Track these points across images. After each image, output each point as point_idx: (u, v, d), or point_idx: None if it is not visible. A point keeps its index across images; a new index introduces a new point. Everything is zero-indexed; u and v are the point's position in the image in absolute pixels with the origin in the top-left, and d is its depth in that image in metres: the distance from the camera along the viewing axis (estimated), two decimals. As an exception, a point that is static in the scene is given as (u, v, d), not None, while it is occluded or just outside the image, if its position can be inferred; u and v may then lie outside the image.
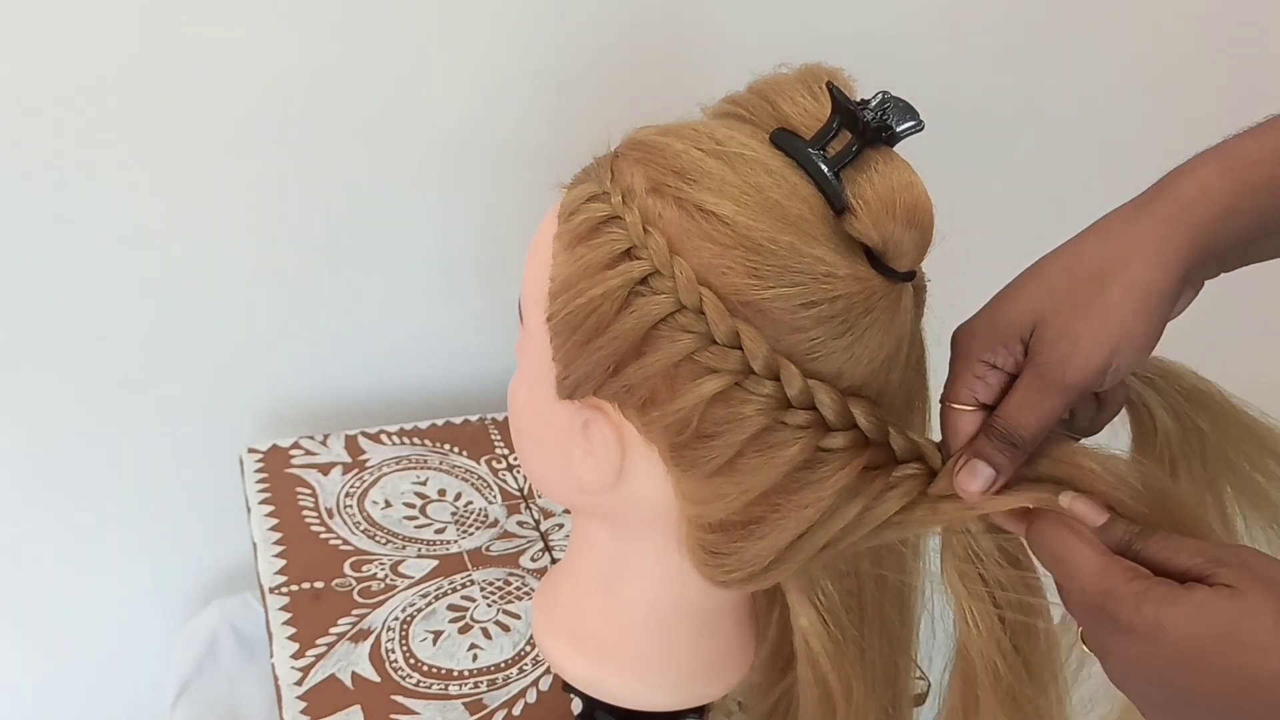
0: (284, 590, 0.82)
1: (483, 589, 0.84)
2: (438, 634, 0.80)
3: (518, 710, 0.75)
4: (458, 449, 0.98)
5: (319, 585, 0.83)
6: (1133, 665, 0.44)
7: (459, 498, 0.93)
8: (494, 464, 0.97)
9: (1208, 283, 0.54)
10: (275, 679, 0.75)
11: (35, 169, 0.86)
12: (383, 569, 0.85)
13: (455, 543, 0.88)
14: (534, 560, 0.88)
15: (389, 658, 0.77)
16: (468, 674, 0.77)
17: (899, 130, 0.48)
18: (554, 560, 0.88)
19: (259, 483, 0.91)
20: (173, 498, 1.02)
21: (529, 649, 0.79)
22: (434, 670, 0.77)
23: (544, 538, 0.90)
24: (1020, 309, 0.51)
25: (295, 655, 0.77)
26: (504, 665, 0.78)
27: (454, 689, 0.76)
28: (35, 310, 0.91)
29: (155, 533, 1.03)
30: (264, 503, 0.89)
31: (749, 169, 0.49)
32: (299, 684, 0.75)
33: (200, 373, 0.98)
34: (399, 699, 0.75)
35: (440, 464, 0.96)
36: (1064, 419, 0.53)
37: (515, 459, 0.97)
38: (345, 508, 0.90)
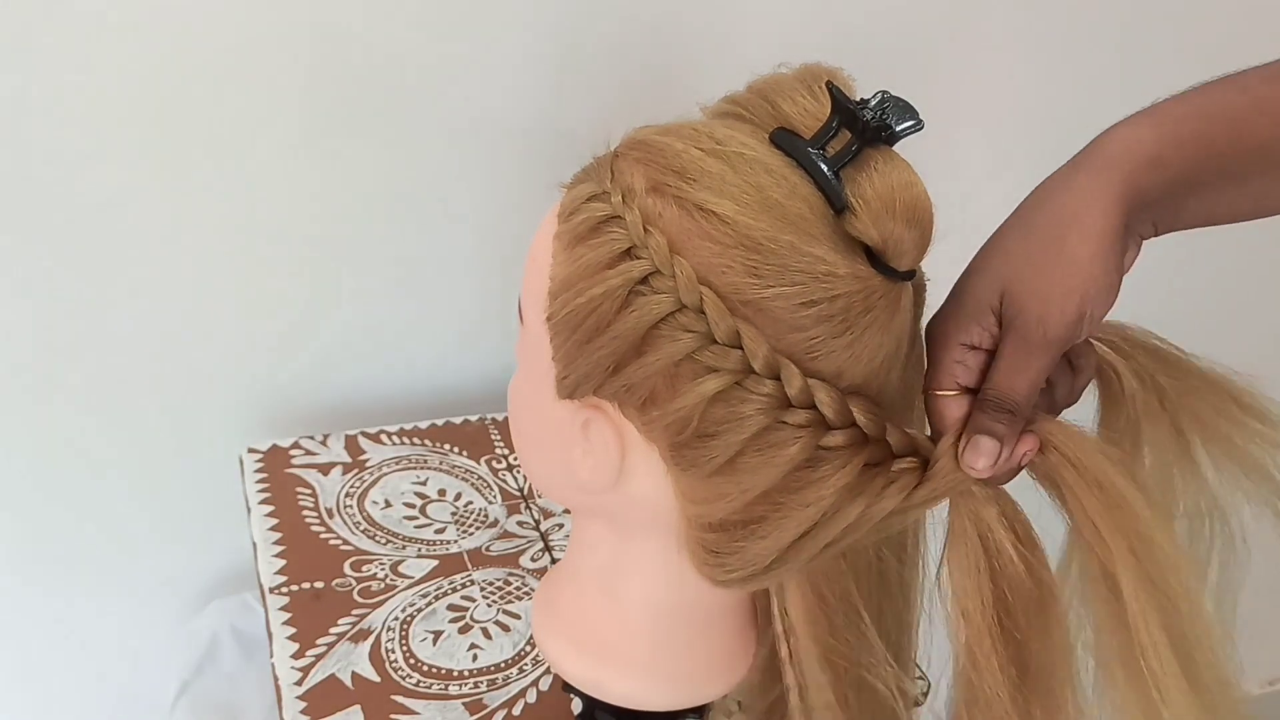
0: (284, 590, 0.82)
1: (483, 589, 0.84)
2: (438, 634, 0.80)
3: (518, 710, 0.75)
4: (458, 449, 0.98)
5: (319, 585, 0.83)
6: None
7: (459, 498, 0.93)
8: (494, 464, 0.97)
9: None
10: (275, 679, 0.75)
11: (36, 169, 0.86)
12: (383, 569, 0.85)
13: (455, 543, 0.88)
14: (534, 560, 0.88)
15: (389, 658, 0.77)
16: (468, 674, 0.77)
17: (899, 130, 0.48)
18: (554, 560, 0.88)
19: (259, 483, 0.91)
20: (173, 498, 1.02)
21: (529, 649, 0.80)
22: (434, 670, 0.77)
23: (544, 538, 0.90)
24: (985, 282, 0.52)
25: (295, 655, 0.77)
26: (504, 665, 0.78)
27: (454, 689, 0.76)
28: (36, 311, 0.91)
29: (155, 533, 1.03)
30: (264, 503, 0.89)
31: (749, 168, 0.49)
32: (299, 684, 0.75)
33: (200, 373, 0.98)
34: (399, 699, 0.75)
35: (440, 464, 0.96)
36: (1043, 388, 0.54)
37: (515, 459, 0.97)
38: (345, 508, 0.90)
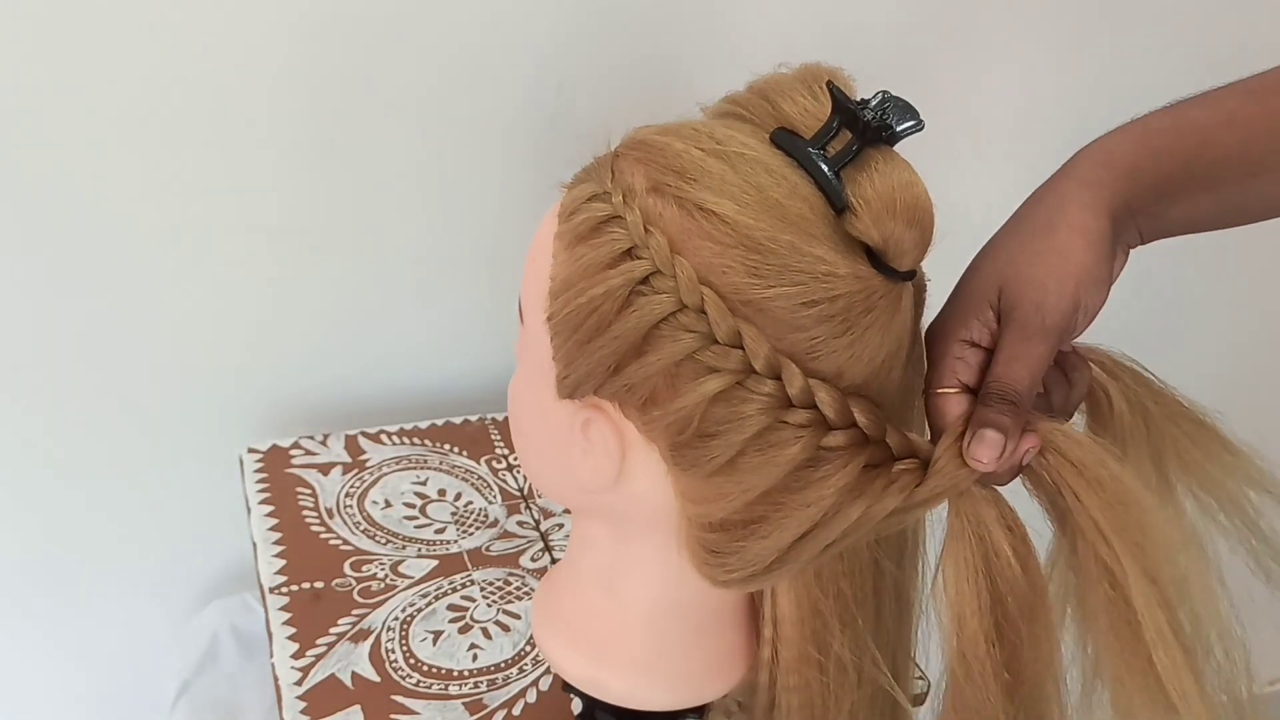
0: (284, 590, 0.82)
1: (483, 589, 0.84)
2: (438, 634, 0.80)
3: (518, 710, 0.75)
4: (458, 449, 0.98)
5: (319, 585, 0.83)
6: None
7: (459, 498, 0.93)
8: (494, 464, 0.97)
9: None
10: (275, 679, 0.75)
11: (37, 170, 0.86)
12: (383, 569, 0.85)
13: (455, 543, 0.88)
14: (534, 560, 0.88)
15: (389, 658, 0.77)
16: (468, 674, 0.77)
17: (899, 130, 0.48)
18: (554, 560, 0.88)
19: (259, 483, 0.91)
20: (173, 498, 1.02)
21: (529, 649, 0.80)
22: (434, 670, 0.77)
23: (544, 538, 0.90)
24: (982, 279, 0.54)
25: (295, 655, 0.77)
26: (504, 665, 0.78)
27: (454, 689, 0.76)
28: (36, 311, 0.91)
29: (155, 532, 1.03)
30: (264, 503, 0.89)
31: (749, 168, 0.49)
32: (299, 684, 0.75)
33: (200, 373, 0.98)
34: (399, 699, 0.75)
35: (440, 464, 0.96)
36: (1040, 394, 0.55)
37: (515, 459, 0.97)
38: (345, 508, 0.90)
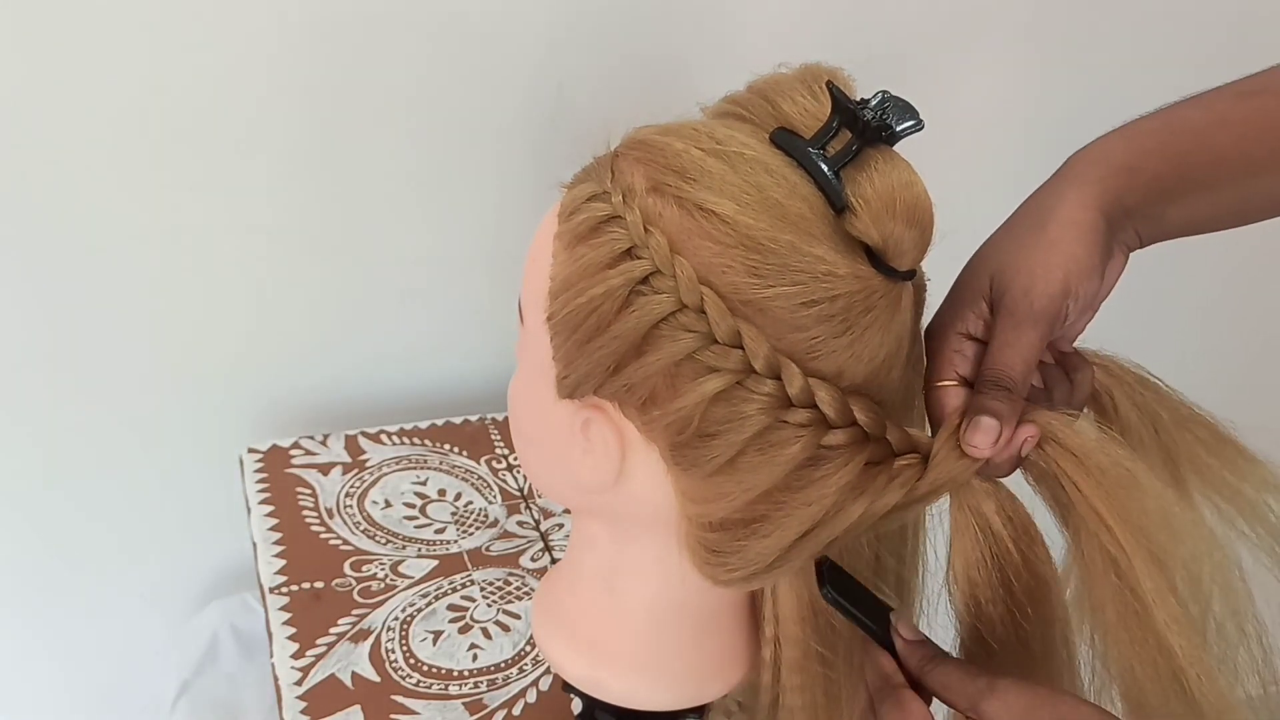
0: (284, 590, 0.82)
1: (483, 589, 0.84)
2: (438, 634, 0.80)
3: (518, 710, 0.75)
4: (458, 449, 0.98)
5: (319, 585, 0.83)
6: None
7: (459, 498, 0.93)
8: (494, 464, 0.97)
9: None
10: (275, 679, 0.75)
11: (36, 170, 0.86)
12: (383, 569, 0.85)
13: (455, 543, 0.88)
14: (534, 560, 0.88)
15: (389, 658, 0.77)
16: (468, 674, 0.77)
17: (899, 129, 0.48)
18: (554, 560, 0.88)
19: (259, 483, 0.91)
20: (173, 498, 1.02)
21: (529, 649, 0.80)
22: (434, 670, 0.77)
23: (544, 538, 0.90)
24: (974, 273, 0.55)
25: (295, 655, 0.77)
26: (504, 665, 0.78)
27: (454, 689, 0.76)
28: (36, 311, 0.91)
29: (155, 532, 1.03)
30: (264, 503, 0.89)
31: (749, 168, 0.49)
32: (299, 684, 0.75)
33: (200, 373, 0.98)
34: (399, 699, 0.75)
35: (440, 464, 0.96)
36: (1041, 390, 0.56)
37: (515, 459, 0.97)
38: (345, 508, 0.90)
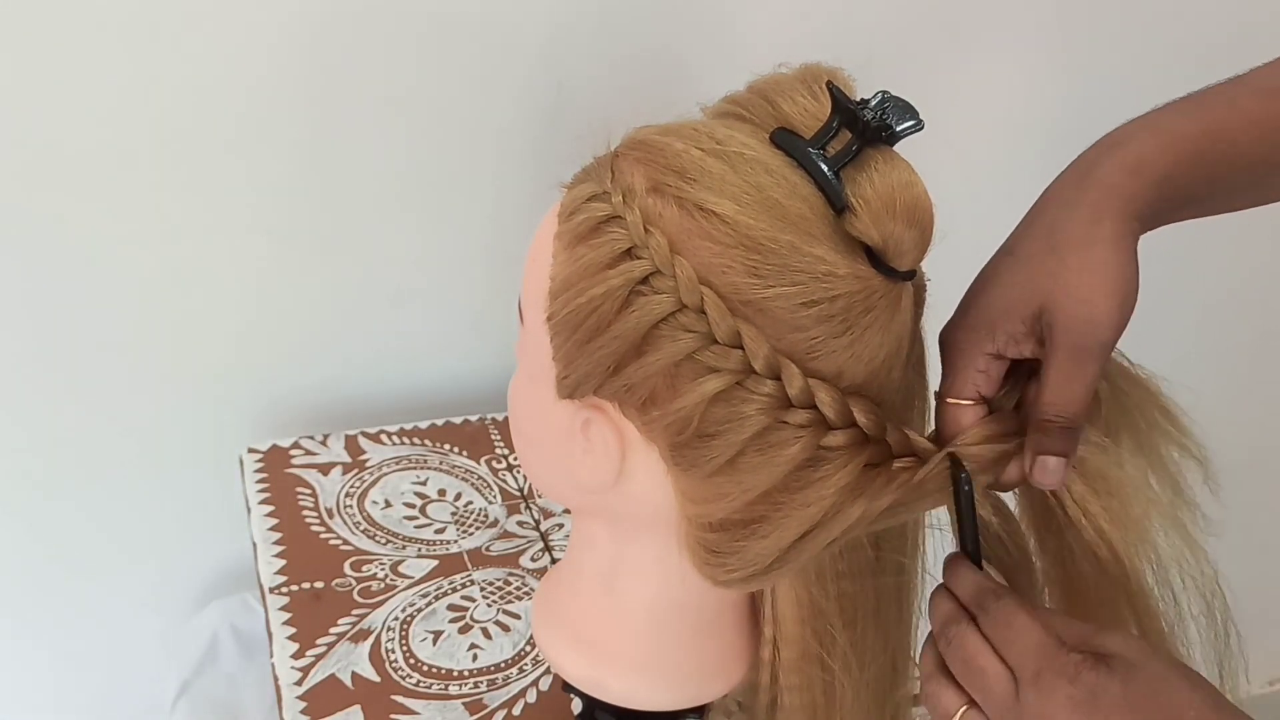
0: (284, 590, 0.82)
1: (483, 589, 0.84)
2: (438, 634, 0.80)
3: (518, 710, 0.75)
4: (458, 449, 0.98)
5: (319, 585, 0.83)
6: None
7: (459, 498, 0.93)
8: (494, 464, 0.97)
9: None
10: (275, 679, 0.75)
11: (35, 169, 0.86)
12: (383, 569, 0.85)
13: (455, 543, 0.88)
14: (534, 560, 0.88)
15: (389, 658, 0.77)
16: (468, 674, 0.77)
17: (899, 129, 0.48)
18: (554, 560, 0.88)
19: (259, 483, 0.91)
20: (173, 498, 1.02)
21: (529, 649, 0.80)
22: (434, 670, 0.77)
23: (544, 538, 0.90)
24: (1018, 294, 0.52)
25: (295, 655, 0.77)
26: (504, 665, 0.78)
27: (454, 689, 0.76)
28: (36, 311, 0.91)
29: (155, 533, 1.03)
30: (264, 503, 0.89)
31: (749, 168, 0.49)
32: (299, 684, 0.75)
33: (200, 373, 0.98)
34: (399, 699, 0.75)
35: (440, 464, 0.96)
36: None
37: (515, 459, 0.97)
38: (345, 508, 0.90)
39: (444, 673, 0.77)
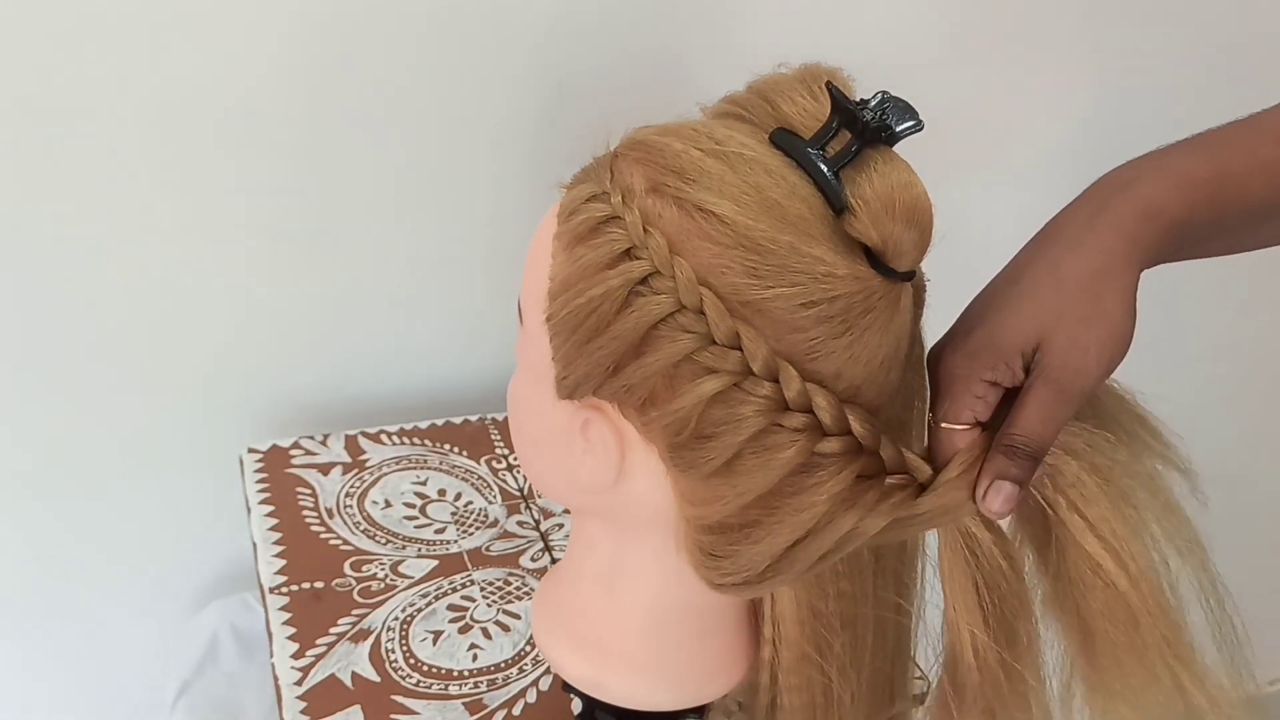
0: (284, 590, 0.82)
1: (483, 589, 0.84)
2: (438, 634, 0.80)
3: (518, 710, 0.75)
4: (458, 449, 0.98)
5: (319, 585, 0.83)
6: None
7: (459, 498, 0.93)
8: (494, 464, 0.97)
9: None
10: (275, 679, 0.75)
11: (33, 169, 0.86)
12: (383, 569, 0.85)
13: (455, 543, 0.88)
14: (534, 560, 0.88)
15: (389, 658, 0.78)
16: (468, 674, 0.77)
17: (898, 130, 0.48)
18: (554, 560, 0.88)
19: (259, 483, 0.91)
20: (173, 498, 1.02)
21: (529, 649, 0.80)
22: (434, 670, 0.77)
23: (544, 538, 0.90)
24: (1022, 326, 0.52)
25: (295, 655, 0.77)
26: (504, 665, 0.78)
27: (454, 689, 0.76)
28: (36, 311, 0.91)
29: (155, 533, 1.03)
30: (264, 503, 0.89)
31: (748, 169, 0.49)
32: (299, 684, 0.75)
33: (200, 373, 0.98)
34: (399, 699, 0.75)
35: (440, 464, 0.96)
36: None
37: (515, 459, 0.97)
38: (345, 508, 0.90)
39: (444, 673, 0.77)
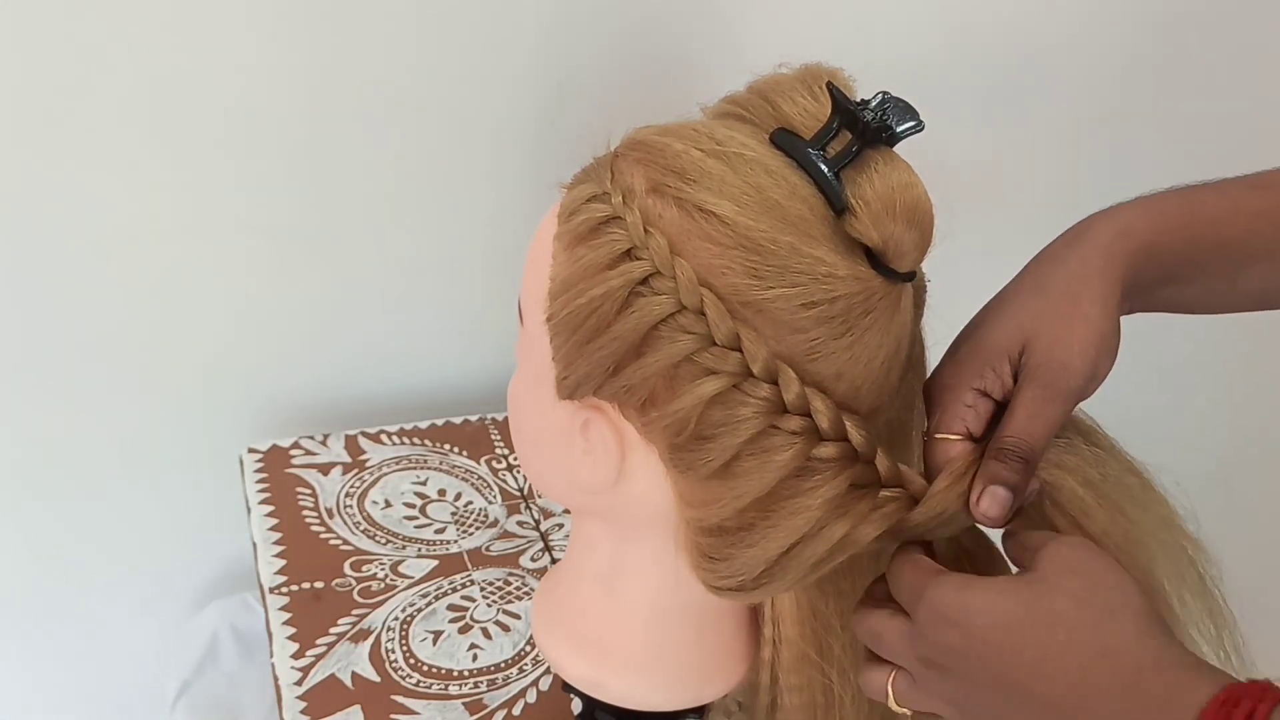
0: (284, 590, 0.82)
1: (483, 589, 0.84)
2: (438, 634, 0.80)
3: (518, 710, 0.75)
4: (458, 449, 0.98)
5: (319, 585, 0.83)
6: (948, 657, 0.47)
7: (459, 498, 0.93)
8: (494, 464, 0.97)
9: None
10: (275, 679, 0.75)
11: (32, 169, 0.85)
12: (383, 569, 0.85)
13: (455, 543, 0.88)
14: (534, 560, 0.88)
15: (389, 658, 0.78)
16: (468, 674, 0.77)
17: (899, 130, 0.48)
18: (554, 560, 0.88)
19: (259, 483, 0.91)
20: (173, 498, 1.02)
21: (529, 649, 0.80)
22: (434, 670, 0.77)
23: (544, 538, 0.90)
24: (1005, 331, 0.53)
25: (295, 655, 0.77)
26: (504, 665, 0.78)
27: (454, 689, 0.76)
28: (35, 311, 0.91)
29: (155, 532, 1.03)
30: (264, 503, 0.89)
31: (749, 169, 0.49)
32: (299, 684, 0.75)
33: (200, 373, 0.98)
34: (399, 699, 0.75)
35: (440, 464, 0.96)
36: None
37: (515, 459, 0.97)
38: (345, 508, 0.90)
39: (444, 673, 0.77)
